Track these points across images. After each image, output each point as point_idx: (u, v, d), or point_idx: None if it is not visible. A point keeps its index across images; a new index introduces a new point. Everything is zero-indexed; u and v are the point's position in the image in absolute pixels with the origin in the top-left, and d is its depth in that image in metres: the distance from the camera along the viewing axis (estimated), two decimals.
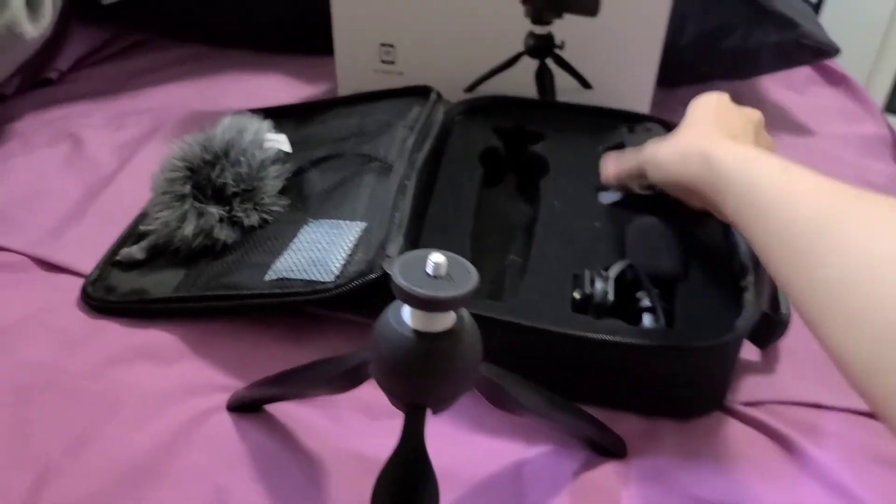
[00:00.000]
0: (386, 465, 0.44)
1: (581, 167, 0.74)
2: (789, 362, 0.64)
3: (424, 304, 0.38)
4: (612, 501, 0.53)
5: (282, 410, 0.58)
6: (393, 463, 0.43)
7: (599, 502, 0.53)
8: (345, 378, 0.49)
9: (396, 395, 0.43)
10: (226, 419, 0.57)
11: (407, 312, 0.41)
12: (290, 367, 0.55)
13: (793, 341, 0.64)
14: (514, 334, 0.57)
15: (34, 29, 0.86)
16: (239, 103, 0.93)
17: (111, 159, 0.85)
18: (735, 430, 0.59)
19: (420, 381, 0.42)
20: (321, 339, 0.64)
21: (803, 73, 1.09)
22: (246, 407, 0.58)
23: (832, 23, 1.93)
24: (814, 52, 0.94)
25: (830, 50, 0.94)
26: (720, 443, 0.58)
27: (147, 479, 0.53)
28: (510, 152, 0.80)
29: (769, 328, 0.62)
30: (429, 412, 0.44)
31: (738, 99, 0.64)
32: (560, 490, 0.53)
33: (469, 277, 0.39)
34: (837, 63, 1.10)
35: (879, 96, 2.24)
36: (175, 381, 0.60)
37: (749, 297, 0.60)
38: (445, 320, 0.41)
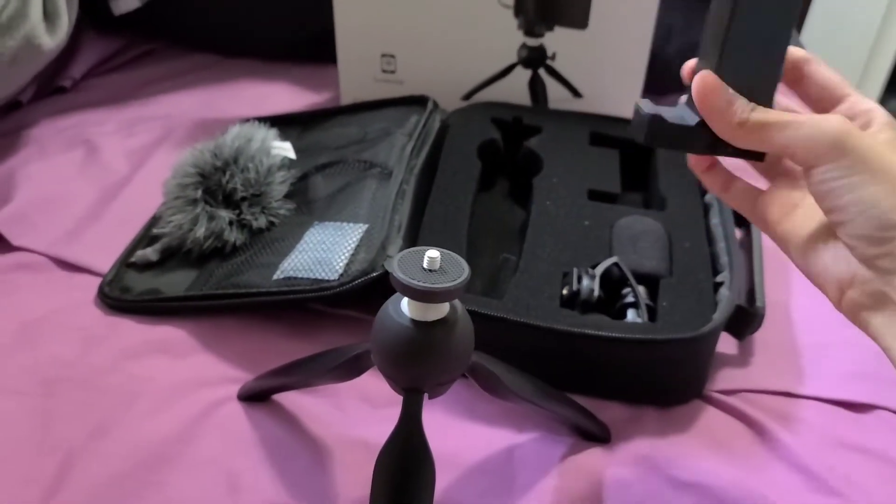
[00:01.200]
0: (386, 444, 0.47)
1: (574, 164, 0.78)
2: (764, 354, 0.68)
3: (420, 295, 0.42)
4: (596, 482, 0.57)
5: (289, 400, 0.62)
6: (392, 442, 0.47)
7: (584, 483, 0.57)
8: (348, 366, 0.52)
9: (395, 380, 0.47)
10: (237, 409, 0.61)
11: (405, 303, 0.45)
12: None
13: (768, 335, 0.69)
14: (506, 329, 0.61)
15: (51, 41, 0.90)
16: (246, 111, 0.97)
17: (124, 165, 0.89)
18: (712, 417, 0.63)
19: (417, 365, 0.46)
20: (325, 334, 0.68)
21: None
22: (255, 397, 0.62)
23: (822, 27, 1.97)
24: None
25: None
26: (698, 429, 0.62)
27: (164, 464, 0.56)
28: (508, 145, 0.84)
29: (745, 320, 0.66)
30: (426, 398, 0.48)
31: None
32: (548, 472, 0.57)
33: (461, 271, 0.43)
34: None
35: (871, 97, 2.28)
36: (188, 374, 0.64)
37: (725, 292, 0.64)
38: (439, 310, 0.45)
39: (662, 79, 0.99)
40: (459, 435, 0.60)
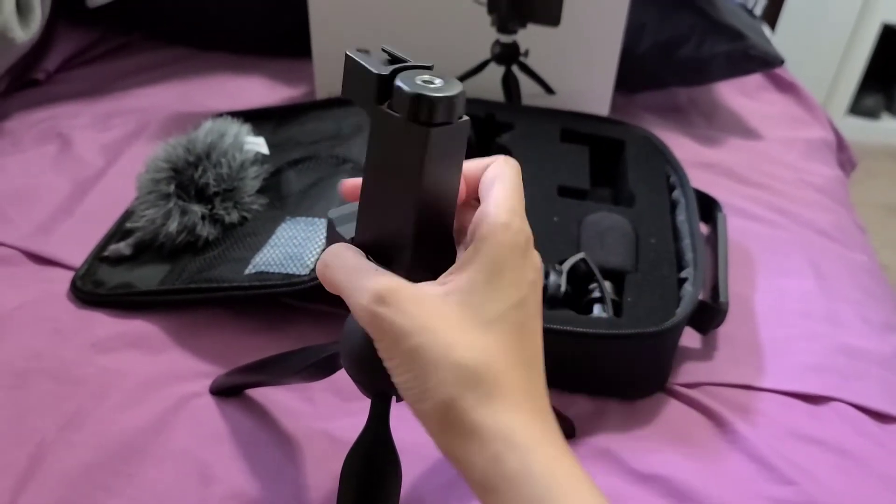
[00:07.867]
0: (353, 448, 0.48)
1: (544, 161, 0.80)
2: (726, 348, 0.70)
3: None
4: None
5: (260, 393, 0.62)
6: (359, 445, 0.47)
7: None
8: (318, 368, 0.53)
9: (363, 385, 0.47)
10: (209, 402, 0.62)
11: None
12: (268, 354, 0.59)
13: (731, 329, 0.70)
14: None
15: (24, 34, 0.90)
16: (221, 104, 0.97)
17: (98, 158, 0.89)
18: (675, 410, 0.64)
19: (384, 373, 0.46)
20: (296, 328, 0.69)
21: (755, 80, 1.15)
22: (227, 392, 0.62)
23: (795, 28, 2.00)
24: (760, 62, 1.00)
25: (775, 60, 1.00)
26: (661, 421, 0.63)
27: (137, 455, 0.57)
28: (480, 142, 0.85)
29: (708, 315, 0.68)
30: (394, 401, 0.49)
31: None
32: None
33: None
34: (787, 71, 1.16)
35: (843, 100, 2.31)
36: (161, 368, 0.64)
37: (688, 287, 0.65)
38: None
39: (634, 76, 1.01)
40: None
